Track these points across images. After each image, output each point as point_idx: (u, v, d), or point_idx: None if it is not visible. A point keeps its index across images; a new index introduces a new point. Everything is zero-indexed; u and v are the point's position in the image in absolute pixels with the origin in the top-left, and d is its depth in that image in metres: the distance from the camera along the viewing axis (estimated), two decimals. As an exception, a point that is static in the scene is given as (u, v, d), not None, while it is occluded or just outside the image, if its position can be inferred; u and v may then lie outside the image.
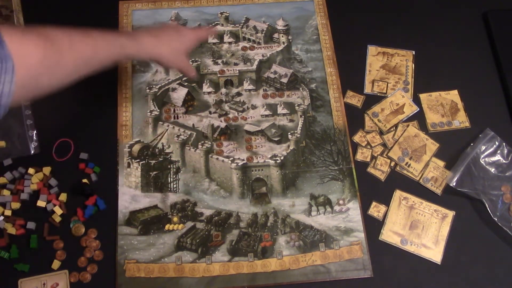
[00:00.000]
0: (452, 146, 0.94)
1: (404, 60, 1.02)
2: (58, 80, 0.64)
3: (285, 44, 1.04)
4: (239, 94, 0.98)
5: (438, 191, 0.90)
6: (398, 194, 0.89)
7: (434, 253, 0.85)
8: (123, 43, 0.72)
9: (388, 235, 0.86)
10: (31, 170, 0.87)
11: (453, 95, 0.99)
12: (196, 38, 0.88)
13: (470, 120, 0.97)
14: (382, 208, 0.88)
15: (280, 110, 0.97)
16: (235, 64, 1.01)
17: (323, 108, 0.97)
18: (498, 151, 0.92)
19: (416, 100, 0.98)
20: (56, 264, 0.81)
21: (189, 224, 0.86)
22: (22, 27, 0.64)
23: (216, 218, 0.87)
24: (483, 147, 0.92)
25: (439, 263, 0.84)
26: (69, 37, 0.63)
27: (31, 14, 1.02)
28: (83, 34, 0.66)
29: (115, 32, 0.73)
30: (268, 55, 1.02)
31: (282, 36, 1.04)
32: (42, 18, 1.01)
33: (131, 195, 0.88)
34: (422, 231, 0.86)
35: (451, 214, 0.88)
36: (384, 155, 0.93)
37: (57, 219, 0.84)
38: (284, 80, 0.99)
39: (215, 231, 0.86)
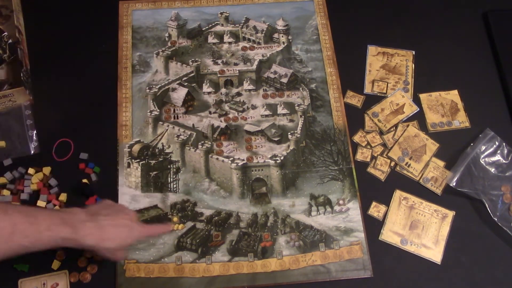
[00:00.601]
0: (452, 146, 0.94)
1: (404, 60, 1.02)
2: None
3: (285, 44, 1.04)
4: (239, 94, 0.98)
5: (438, 191, 0.90)
6: (398, 194, 0.89)
7: (434, 253, 0.85)
8: (66, 237, 0.66)
9: (388, 235, 0.86)
10: (31, 170, 0.87)
11: (453, 95, 0.99)
12: (145, 235, 0.78)
13: (470, 120, 0.97)
14: (382, 208, 0.88)
15: (280, 110, 0.97)
16: (235, 64, 1.01)
17: (323, 108, 0.97)
18: (498, 151, 0.92)
19: (416, 100, 0.98)
20: (56, 264, 0.81)
21: (189, 224, 0.86)
22: None
23: (216, 218, 0.87)
24: (483, 147, 0.92)
25: (439, 263, 0.84)
26: (12, 227, 0.61)
27: (31, 14, 1.02)
28: (29, 223, 0.63)
29: (62, 220, 0.66)
30: (268, 55, 1.02)
31: (282, 36, 1.04)
32: (42, 18, 1.02)
33: (131, 195, 0.88)
34: (422, 231, 0.86)
35: (451, 214, 0.88)
36: (384, 155, 0.93)
37: (57, 219, 0.84)
38: (284, 80, 0.99)
39: (215, 231, 0.86)
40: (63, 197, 0.86)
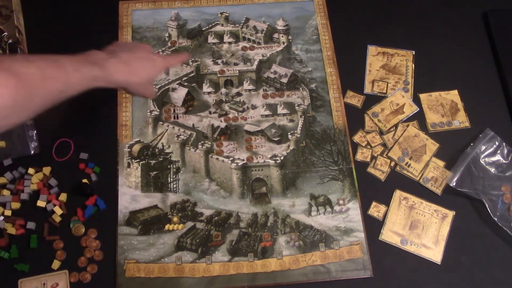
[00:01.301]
0: (452, 146, 0.94)
1: (404, 60, 1.02)
2: (27, 115, 0.62)
3: (285, 44, 1.04)
4: (239, 94, 0.98)
5: (438, 191, 0.90)
6: (398, 194, 0.89)
7: (434, 253, 0.85)
8: (94, 75, 0.67)
9: (388, 235, 0.86)
10: (31, 170, 0.87)
11: (453, 95, 0.99)
12: (166, 66, 0.83)
13: (470, 120, 0.97)
14: (382, 208, 0.88)
15: (280, 110, 0.97)
16: (235, 64, 1.01)
17: (323, 108, 0.97)
18: (498, 151, 0.92)
19: (416, 100, 0.98)
20: (56, 264, 0.81)
21: (189, 224, 0.86)
22: None
23: (216, 218, 0.87)
24: (483, 147, 0.92)
25: (439, 263, 0.84)
26: (41, 72, 0.60)
27: (31, 14, 1.02)
28: (55, 66, 0.62)
29: (86, 60, 0.67)
30: (268, 55, 1.02)
31: (282, 36, 1.04)
32: (42, 18, 1.02)
33: (131, 195, 0.88)
34: (422, 231, 0.86)
35: (451, 214, 0.88)
36: (384, 155, 0.93)
37: (57, 219, 0.84)
38: (284, 80, 0.99)
39: (215, 231, 0.86)
40: (63, 197, 0.86)
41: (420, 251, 0.85)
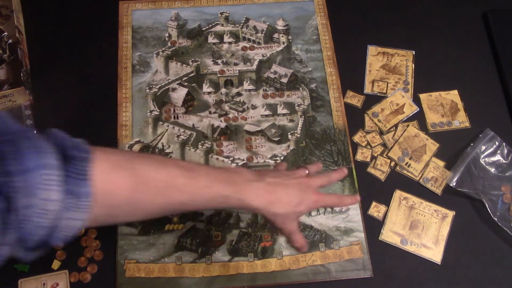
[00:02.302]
0: (452, 146, 0.94)
1: (404, 60, 1.02)
2: (135, 219, 0.59)
3: (285, 44, 1.04)
4: (239, 94, 0.98)
5: (438, 191, 0.90)
6: (398, 194, 0.89)
7: (434, 253, 0.85)
8: (227, 195, 0.59)
9: (388, 235, 0.86)
10: (31, 170, 0.87)
11: (453, 95, 0.99)
12: (324, 205, 0.69)
13: (470, 120, 0.97)
14: (382, 208, 0.88)
15: (280, 110, 0.97)
16: (235, 64, 1.01)
17: (323, 108, 0.97)
18: (498, 151, 0.92)
19: (416, 100, 0.98)
20: (56, 264, 0.81)
21: (189, 224, 0.86)
22: (115, 156, 0.54)
23: (216, 218, 0.87)
24: (483, 147, 0.92)
25: (439, 263, 0.84)
26: (170, 180, 0.55)
27: (31, 14, 1.02)
28: (188, 177, 0.56)
29: (226, 178, 0.59)
30: (268, 55, 1.02)
31: (282, 36, 1.04)
32: (42, 18, 1.02)
33: (131, 195, 0.88)
34: (422, 231, 0.86)
35: (451, 214, 0.88)
36: (384, 155, 0.93)
37: (57, 219, 0.84)
38: (284, 80, 0.99)
39: (215, 231, 0.86)
40: (63, 197, 0.86)
41: (420, 251, 0.85)
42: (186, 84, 0.99)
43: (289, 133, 0.94)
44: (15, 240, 0.45)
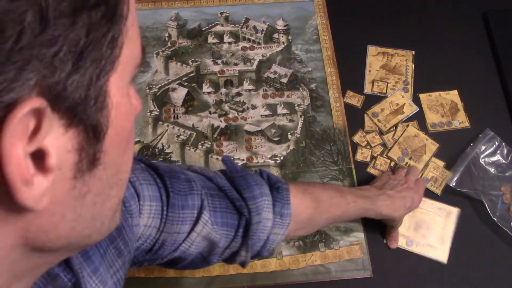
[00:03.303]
0: (452, 146, 0.94)
1: (404, 60, 1.02)
2: (310, 231, 0.80)
3: (285, 44, 1.04)
4: (239, 94, 0.98)
5: (438, 191, 0.90)
6: (398, 194, 0.89)
7: (440, 252, 0.85)
8: (366, 207, 0.76)
9: (388, 235, 0.86)
10: (31, 170, 0.87)
11: (453, 95, 0.99)
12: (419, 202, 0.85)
13: (470, 120, 0.97)
14: (382, 208, 0.88)
15: (280, 110, 0.97)
16: (235, 64, 1.01)
17: (323, 108, 0.97)
18: (498, 151, 0.92)
19: (416, 100, 0.98)
20: (56, 264, 0.81)
21: (189, 224, 0.86)
22: (301, 185, 0.73)
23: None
24: (483, 147, 0.92)
25: (445, 263, 0.84)
26: (330, 200, 0.72)
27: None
28: (340, 196, 0.74)
29: (362, 195, 0.77)
30: (268, 55, 1.02)
31: (282, 36, 1.04)
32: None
33: (131, 195, 0.88)
34: (427, 231, 0.86)
35: (455, 210, 0.87)
36: (384, 155, 0.93)
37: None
38: (284, 80, 0.99)
39: (215, 231, 0.86)
40: (63, 197, 0.86)
41: (425, 251, 0.85)
42: (186, 84, 0.99)
43: (289, 133, 0.94)
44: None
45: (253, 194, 0.61)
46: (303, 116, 0.96)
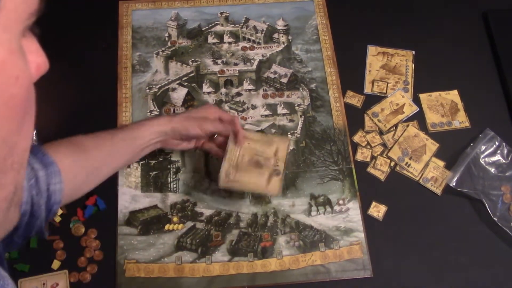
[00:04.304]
0: (452, 146, 0.94)
1: (404, 60, 1.02)
2: (94, 174, 0.75)
3: (285, 44, 1.04)
4: (239, 94, 0.98)
5: (438, 191, 0.90)
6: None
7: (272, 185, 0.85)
8: (140, 129, 0.78)
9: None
10: (31, 170, 0.87)
11: (453, 95, 0.99)
12: (215, 111, 0.85)
13: (470, 120, 0.97)
14: (382, 208, 0.88)
15: (280, 110, 0.97)
16: (235, 64, 1.01)
17: (323, 108, 0.97)
18: (498, 151, 0.92)
19: (416, 100, 0.98)
20: (56, 264, 0.81)
21: (189, 224, 0.86)
22: (55, 141, 0.73)
23: (216, 218, 0.87)
24: (483, 147, 0.92)
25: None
26: (93, 138, 0.74)
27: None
28: (105, 133, 0.76)
29: (136, 123, 0.80)
30: (268, 55, 1.02)
31: (282, 36, 1.04)
32: (42, 18, 1.02)
33: (131, 195, 0.88)
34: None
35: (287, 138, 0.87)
36: (384, 155, 0.93)
37: (57, 219, 0.84)
38: (284, 80, 0.99)
39: (215, 231, 0.86)
40: (63, 197, 0.86)
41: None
42: (186, 84, 0.99)
43: (289, 133, 0.94)
44: None
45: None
46: (303, 116, 0.96)
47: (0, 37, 0.22)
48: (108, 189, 0.88)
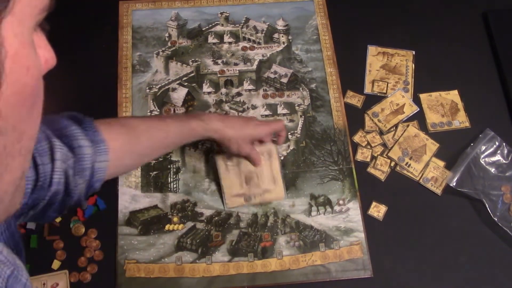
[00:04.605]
0: (452, 146, 0.94)
1: (404, 60, 1.02)
2: (138, 159, 0.76)
3: (285, 44, 1.04)
4: (239, 94, 0.98)
5: (438, 191, 0.90)
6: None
7: (277, 191, 0.85)
8: (193, 126, 0.77)
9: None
10: (31, 170, 0.87)
11: (453, 95, 0.99)
12: (269, 129, 0.85)
13: (470, 120, 0.97)
14: (382, 208, 0.88)
15: (280, 110, 0.97)
16: (235, 64, 1.01)
17: (323, 108, 0.97)
18: (498, 151, 0.92)
19: (416, 100, 0.98)
20: (56, 264, 0.81)
21: (189, 224, 0.86)
22: (109, 119, 0.73)
23: (216, 218, 0.87)
24: (483, 147, 0.92)
25: (283, 198, 0.84)
26: (146, 123, 0.74)
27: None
28: (159, 120, 0.77)
29: (187, 116, 0.81)
30: (268, 55, 1.02)
31: (282, 36, 1.04)
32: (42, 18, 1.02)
33: (131, 195, 0.88)
34: (258, 179, 0.86)
35: (272, 146, 0.89)
36: (384, 155, 0.93)
37: (57, 219, 0.84)
38: (284, 80, 0.99)
39: (215, 231, 0.86)
40: (63, 197, 0.86)
41: (265, 197, 0.85)
42: (186, 84, 0.99)
43: (289, 133, 0.94)
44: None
45: (63, 125, 0.63)
46: (303, 116, 0.96)
47: (15, 30, 0.24)
48: (108, 189, 0.87)
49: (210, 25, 1.05)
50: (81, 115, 0.67)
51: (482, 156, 0.91)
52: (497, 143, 0.92)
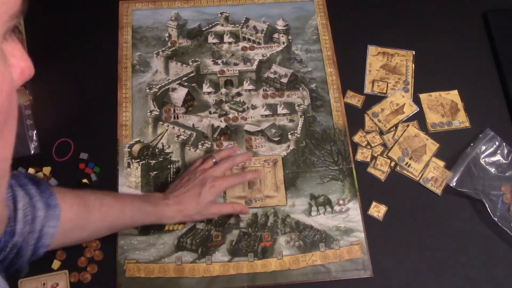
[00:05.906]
0: (452, 146, 0.94)
1: (404, 60, 1.02)
2: (86, 234, 0.73)
3: (285, 44, 1.04)
4: (239, 94, 0.98)
5: (438, 191, 0.90)
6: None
7: (279, 198, 0.85)
8: (147, 210, 0.76)
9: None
10: (31, 170, 0.87)
11: (453, 95, 0.99)
12: (224, 188, 0.84)
13: (470, 120, 0.97)
14: (382, 208, 0.88)
15: (280, 110, 0.97)
16: (235, 64, 1.01)
17: (323, 108, 0.97)
18: (498, 151, 0.92)
19: (416, 100, 0.98)
20: (56, 264, 0.81)
21: (189, 224, 0.86)
22: (64, 188, 0.71)
23: (216, 218, 0.87)
24: (483, 147, 0.92)
25: (285, 205, 0.84)
26: (100, 200, 0.72)
27: (31, 14, 1.01)
28: (115, 199, 0.74)
29: (144, 199, 0.78)
30: (268, 55, 1.02)
31: (282, 36, 1.04)
32: (42, 18, 1.02)
33: (131, 195, 0.88)
34: (261, 184, 0.87)
35: (279, 158, 0.91)
36: (384, 155, 0.93)
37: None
38: (284, 80, 0.99)
39: (215, 231, 0.86)
40: (63, 197, 0.86)
41: (266, 202, 0.85)
42: (186, 84, 0.99)
43: (289, 133, 0.94)
44: None
45: (22, 182, 0.62)
46: (303, 116, 0.96)
47: None
48: (108, 189, 0.88)
49: (210, 25, 1.05)
50: (38, 177, 0.66)
51: (482, 156, 0.91)
52: (497, 143, 0.92)
